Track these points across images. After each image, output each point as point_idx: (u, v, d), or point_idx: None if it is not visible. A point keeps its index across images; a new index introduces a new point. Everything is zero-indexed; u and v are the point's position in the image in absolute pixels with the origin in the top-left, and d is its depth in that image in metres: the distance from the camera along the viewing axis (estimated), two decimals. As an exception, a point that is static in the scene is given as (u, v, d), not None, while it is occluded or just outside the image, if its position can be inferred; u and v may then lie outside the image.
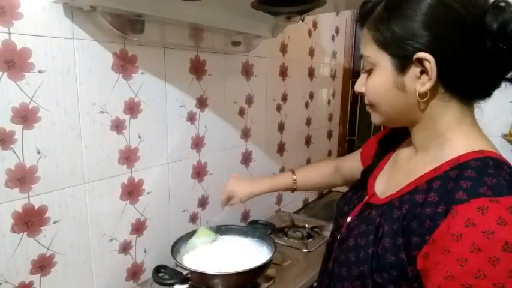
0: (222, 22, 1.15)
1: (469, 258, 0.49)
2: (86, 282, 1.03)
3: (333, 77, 2.20)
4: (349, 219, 0.73)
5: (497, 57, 0.55)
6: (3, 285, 0.85)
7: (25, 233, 0.88)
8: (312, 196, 2.15)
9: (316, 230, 1.57)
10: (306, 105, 1.95)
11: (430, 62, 0.55)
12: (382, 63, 0.61)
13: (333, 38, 2.10)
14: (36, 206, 0.89)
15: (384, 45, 0.60)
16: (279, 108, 1.72)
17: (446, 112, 0.60)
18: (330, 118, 2.25)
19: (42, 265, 0.92)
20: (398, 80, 0.60)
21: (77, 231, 0.98)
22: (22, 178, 0.85)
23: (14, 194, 0.85)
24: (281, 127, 1.76)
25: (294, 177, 1.12)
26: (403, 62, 0.58)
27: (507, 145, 1.80)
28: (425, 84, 0.57)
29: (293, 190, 1.15)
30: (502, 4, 0.55)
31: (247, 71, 1.48)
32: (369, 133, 2.29)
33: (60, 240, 0.94)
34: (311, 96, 1.98)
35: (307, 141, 2.02)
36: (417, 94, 0.58)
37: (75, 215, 0.97)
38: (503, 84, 0.60)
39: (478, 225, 0.49)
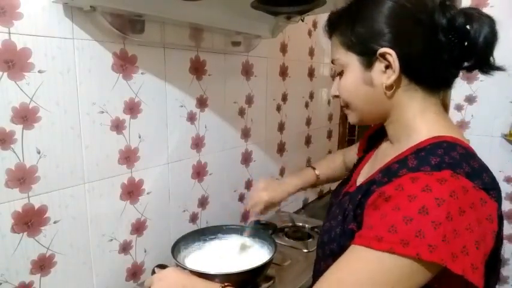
0: (222, 22, 1.15)
1: (388, 215, 0.55)
2: (86, 282, 1.03)
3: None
4: (333, 208, 0.80)
5: (451, 50, 0.62)
6: (3, 285, 0.85)
7: (25, 233, 0.88)
8: (311, 196, 2.15)
9: (316, 230, 1.56)
10: (306, 105, 1.95)
11: (391, 55, 0.62)
12: (351, 63, 0.67)
13: (333, 38, 2.10)
14: (36, 206, 0.89)
15: (351, 46, 0.67)
16: (279, 108, 1.72)
17: (411, 103, 0.66)
18: (330, 118, 2.25)
19: (42, 265, 0.92)
20: (367, 76, 0.66)
21: (77, 231, 0.98)
22: (22, 178, 0.86)
23: (14, 194, 0.85)
24: (281, 127, 1.76)
25: (317, 172, 1.15)
26: (368, 59, 0.65)
27: (507, 145, 1.80)
28: (390, 77, 0.63)
29: (315, 185, 1.17)
30: (447, 3, 0.62)
31: (247, 71, 1.48)
32: (369, 133, 2.29)
33: (60, 240, 0.94)
34: (311, 96, 1.98)
35: (307, 141, 2.02)
36: (384, 87, 0.64)
37: (75, 215, 0.97)
38: (503, 84, 0.64)
39: (405, 190, 0.55)
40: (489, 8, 1.70)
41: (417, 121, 0.66)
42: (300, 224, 1.62)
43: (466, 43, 0.61)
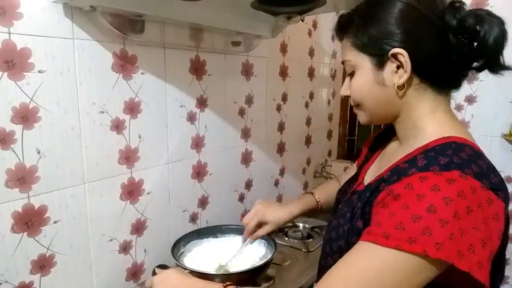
0: (222, 22, 1.15)
1: (397, 213, 0.56)
2: (86, 282, 1.03)
3: (333, 76, 2.20)
4: (340, 206, 0.80)
5: (461, 50, 0.63)
6: (3, 285, 0.85)
7: (25, 233, 0.88)
8: (312, 196, 2.14)
9: (316, 230, 1.56)
10: (306, 105, 1.95)
11: (403, 56, 0.63)
12: (363, 64, 0.68)
13: (332, 38, 2.10)
14: (36, 206, 0.89)
15: (363, 47, 0.67)
16: (279, 108, 1.72)
17: (421, 102, 0.67)
18: (330, 118, 2.25)
19: (42, 265, 0.92)
20: (378, 77, 0.67)
21: (77, 231, 0.98)
22: (22, 178, 0.85)
23: (14, 194, 0.85)
24: (281, 127, 1.76)
25: (317, 197, 1.11)
26: (380, 60, 0.66)
27: (507, 145, 1.79)
28: (402, 76, 0.64)
29: (315, 211, 1.12)
30: (457, 4, 0.63)
31: (247, 71, 1.48)
32: (369, 133, 2.29)
33: (60, 240, 0.94)
34: (311, 96, 1.98)
35: (307, 141, 2.02)
36: (396, 86, 0.65)
37: (75, 215, 0.97)
38: (503, 84, 0.65)
39: (414, 188, 0.56)
40: (489, 8, 1.70)
41: (426, 120, 0.67)
42: (300, 224, 1.62)
43: (475, 44, 0.62)
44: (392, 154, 0.74)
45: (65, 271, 0.96)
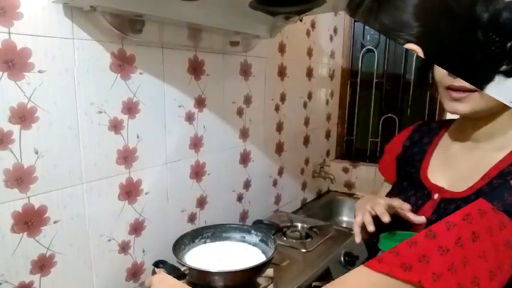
0: (221, 22, 1.15)
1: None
2: (86, 282, 1.03)
3: (331, 77, 2.21)
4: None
5: (489, 49, 0.53)
6: (3, 285, 0.85)
7: (25, 233, 0.88)
8: (310, 196, 2.15)
9: (314, 229, 1.57)
10: (305, 105, 1.96)
11: (418, 53, 0.54)
12: None
13: (331, 38, 2.11)
14: (36, 206, 0.89)
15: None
16: (277, 108, 1.72)
17: None
18: (328, 118, 2.25)
19: (42, 265, 0.92)
20: None
21: (77, 231, 0.98)
22: (20, 178, 0.85)
23: (14, 194, 0.85)
24: (280, 127, 1.76)
25: None
26: None
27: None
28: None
29: None
30: None
31: (245, 71, 1.48)
32: (367, 133, 2.30)
33: (60, 240, 0.94)
34: (309, 96, 1.98)
35: (306, 141, 2.03)
36: None
37: (74, 215, 0.97)
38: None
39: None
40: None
41: None
42: (299, 223, 1.63)
43: (510, 44, 0.52)
44: (472, 153, 0.67)
45: (65, 271, 0.96)
